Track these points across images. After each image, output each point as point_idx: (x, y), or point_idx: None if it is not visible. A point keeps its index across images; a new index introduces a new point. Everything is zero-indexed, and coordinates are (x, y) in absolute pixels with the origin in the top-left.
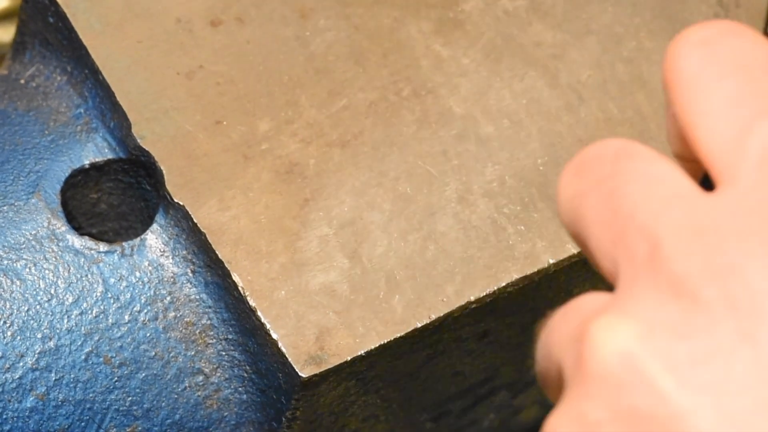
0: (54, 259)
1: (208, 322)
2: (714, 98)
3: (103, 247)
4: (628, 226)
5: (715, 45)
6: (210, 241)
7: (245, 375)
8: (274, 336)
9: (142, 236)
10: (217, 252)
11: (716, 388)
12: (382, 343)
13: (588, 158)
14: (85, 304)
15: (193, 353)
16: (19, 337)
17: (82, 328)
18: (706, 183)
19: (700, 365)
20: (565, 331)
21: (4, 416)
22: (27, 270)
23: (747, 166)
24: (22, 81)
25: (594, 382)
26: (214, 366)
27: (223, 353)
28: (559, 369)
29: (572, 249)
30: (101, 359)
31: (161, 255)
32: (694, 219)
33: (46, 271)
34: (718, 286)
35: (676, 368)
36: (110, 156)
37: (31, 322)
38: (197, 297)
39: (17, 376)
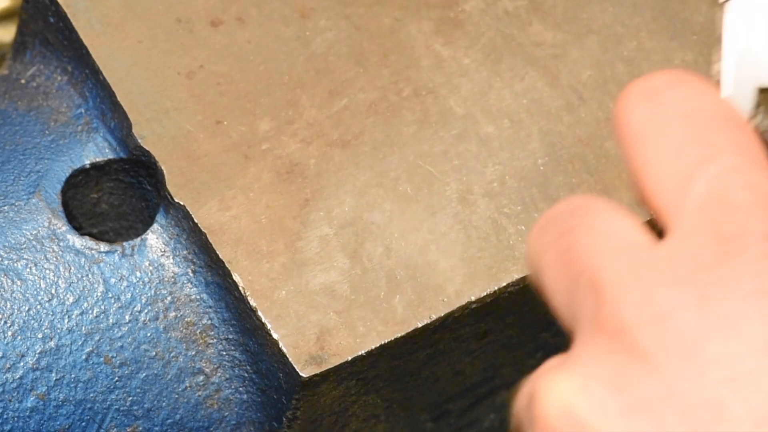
0: (55, 259)
1: (209, 322)
2: (659, 150)
3: (103, 247)
4: (579, 281)
5: (660, 96)
6: (211, 241)
7: (246, 375)
8: (275, 336)
9: (143, 236)
10: (217, 252)
11: None
12: (383, 343)
13: (551, 215)
14: (85, 304)
15: (193, 353)
16: (19, 337)
17: (83, 328)
18: None
19: (633, 416)
20: (524, 392)
21: (5, 416)
22: (28, 270)
23: (687, 214)
24: (23, 81)
25: None
26: (215, 366)
27: (224, 353)
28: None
29: None
30: (102, 359)
31: (162, 255)
32: (635, 270)
33: (47, 271)
34: (652, 335)
35: (611, 420)
36: (111, 156)
37: (32, 322)
38: (198, 297)
39: (18, 376)
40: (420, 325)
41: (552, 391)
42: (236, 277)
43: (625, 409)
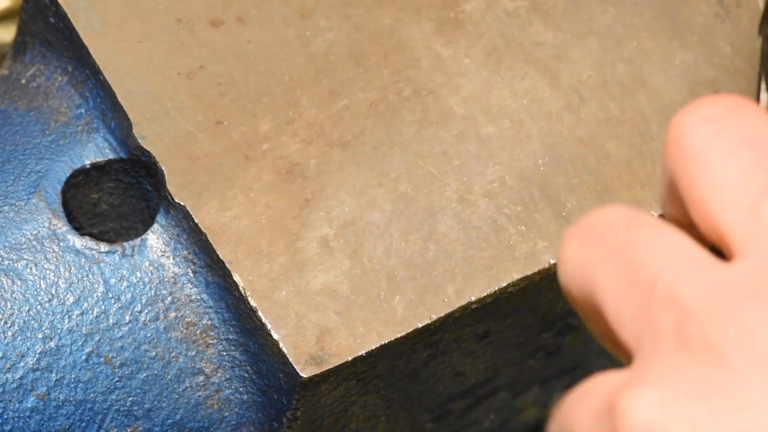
0: (55, 259)
1: (209, 322)
2: (725, 173)
3: (103, 247)
4: (652, 299)
5: (722, 120)
6: (211, 241)
7: (246, 375)
8: (275, 336)
9: (143, 236)
10: (218, 252)
11: None
12: (383, 343)
13: (597, 225)
14: (85, 305)
15: (193, 353)
16: (19, 337)
17: (83, 329)
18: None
19: (725, 425)
20: (588, 410)
21: (5, 416)
22: (28, 270)
23: (760, 238)
24: (23, 81)
25: None
26: (215, 366)
27: (224, 353)
28: None
29: None
30: (102, 359)
31: (162, 255)
32: (714, 287)
33: (47, 271)
34: (739, 348)
35: (701, 430)
36: (111, 156)
37: (32, 322)
38: (198, 297)
39: (18, 376)
40: (420, 326)
41: (636, 407)
42: (236, 278)
43: (715, 419)
